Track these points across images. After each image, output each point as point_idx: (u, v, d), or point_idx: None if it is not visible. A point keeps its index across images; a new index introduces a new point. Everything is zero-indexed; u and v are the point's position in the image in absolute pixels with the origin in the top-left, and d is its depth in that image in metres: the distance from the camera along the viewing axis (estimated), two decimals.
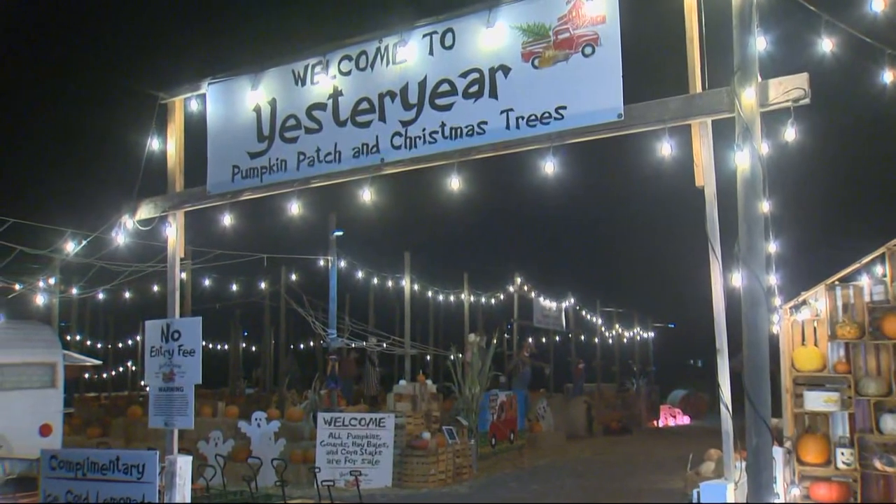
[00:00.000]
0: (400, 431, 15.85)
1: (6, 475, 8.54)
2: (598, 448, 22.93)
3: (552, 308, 30.32)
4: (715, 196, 6.18)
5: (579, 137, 6.65)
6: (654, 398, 35.34)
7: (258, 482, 10.56)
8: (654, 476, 16.25)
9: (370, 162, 7.61)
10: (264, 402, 23.41)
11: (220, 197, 8.65)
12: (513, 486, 15.45)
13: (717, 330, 6.10)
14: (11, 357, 14.20)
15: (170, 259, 8.89)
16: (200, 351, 8.12)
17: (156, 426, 8.26)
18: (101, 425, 21.39)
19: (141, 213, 9.07)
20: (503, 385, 24.26)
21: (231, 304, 28.20)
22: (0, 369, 14.03)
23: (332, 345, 18.82)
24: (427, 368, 31.49)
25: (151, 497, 6.40)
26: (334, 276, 19.04)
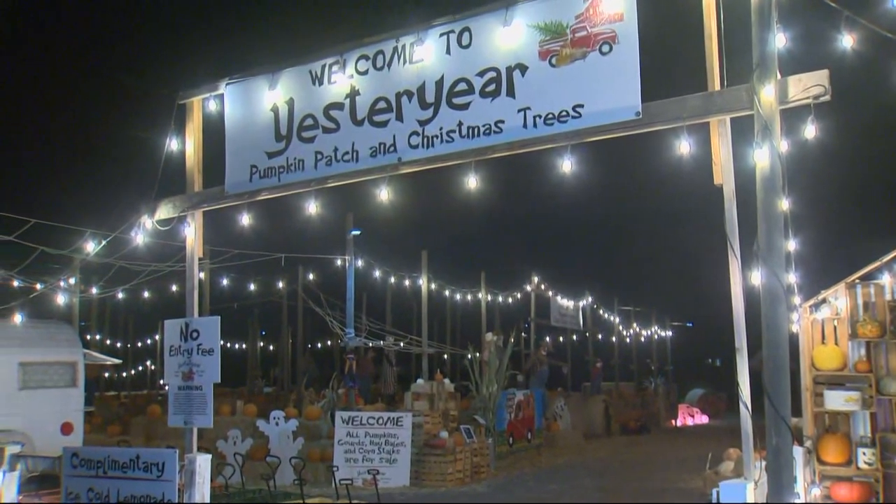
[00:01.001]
0: (417, 430, 15.86)
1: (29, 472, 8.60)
2: (616, 447, 22.86)
3: (569, 307, 30.25)
4: (734, 194, 6.14)
5: (597, 136, 6.63)
6: (672, 397, 35.20)
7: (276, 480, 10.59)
8: (673, 475, 16.18)
9: (387, 161, 7.61)
10: (282, 400, 23.47)
11: (237, 197, 8.68)
12: (531, 486, 15.43)
13: (736, 329, 6.07)
14: (34, 356, 14.33)
15: (188, 259, 8.93)
16: (219, 350, 8.15)
17: (175, 425, 8.30)
18: (121, 424, 21.52)
19: (160, 213, 9.11)
20: (520, 384, 24.24)
21: (249, 304, 28.32)
22: (23, 368, 14.16)
23: (350, 344, 18.84)
24: (444, 367, 31.47)
25: (171, 495, 6.43)
26: (352, 275, 19.07)
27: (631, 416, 28.92)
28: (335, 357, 31.11)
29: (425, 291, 22.25)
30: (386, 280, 24.95)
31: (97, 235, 12.80)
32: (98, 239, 12.65)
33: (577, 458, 19.90)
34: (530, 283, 28.02)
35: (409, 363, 30.93)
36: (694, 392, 37.27)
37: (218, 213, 9.36)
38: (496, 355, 18.24)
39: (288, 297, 26.26)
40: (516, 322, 29.19)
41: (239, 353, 37.65)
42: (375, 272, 22.93)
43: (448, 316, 32.64)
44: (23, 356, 14.21)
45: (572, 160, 6.73)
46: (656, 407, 32.25)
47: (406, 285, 25.00)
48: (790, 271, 6.91)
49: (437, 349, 27.29)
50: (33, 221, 13.11)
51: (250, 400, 22.55)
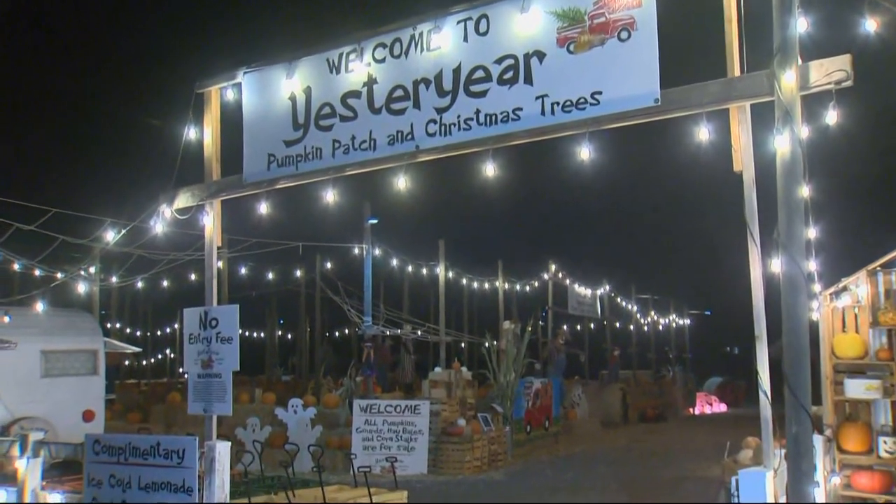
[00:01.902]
0: (435, 418, 15.90)
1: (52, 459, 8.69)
2: (634, 436, 22.84)
3: (587, 295, 30.20)
4: (753, 181, 6.08)
5: (615, 123, 6.58)
6: (690, 385, 35.12)
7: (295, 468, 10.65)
8: (691, 464, 16.16)
9: (405, 149, 7.59)
10: (300, 389, 23.59)
11: (255, 185, 8.68)
12: (548, 474, 15.45)
13: (755, 316, 6.02)
14: (56, 344, 14.47)
15: (207, 247, 8.95)
16: (238, 338, 8.18)
17: (195, 412, 8.35)
18: (141, 411, 21.67)
19: (178, 202, 9.13)
20: (538, 372, 24.23)
21: (267, 292, 28.42)
22: (45, 356, 14.30)
23: (368, 332, 18.90)
24: (462, 356, 31.52)
25: (191, 482, 6.47)
26: (369, 263, 19.11)
27: (648, 405, 28.88)
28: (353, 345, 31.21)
29: (442, 280, 22.27)
30: (403, 269, 24.99)
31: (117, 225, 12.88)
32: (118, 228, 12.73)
33: (594, 447, 19.90)
34: (548, 272, 27.97)
35: (426, 351, 31.01)
36: (712, 380, 37.17)
37: (236, 202, 9.37)
38: (513, 344, 18.24)
39: (306, 286, 26.34)
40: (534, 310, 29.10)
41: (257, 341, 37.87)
42: (393, 261, 22.96)
43: (465, 304, 32.66)
44: (45, 344, 14.35)
45: (590, 148, 6.69)
46: (674, 395, 32.18)
47: (423, 274, 25.03)
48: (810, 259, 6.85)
49: (454, 337, 27.33)
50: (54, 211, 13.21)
51: (269, 388, 22.68)
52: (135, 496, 6.75)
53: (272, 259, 22.74)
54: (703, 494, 12.14)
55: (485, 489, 13.74)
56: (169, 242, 13.59)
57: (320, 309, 25.77)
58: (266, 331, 35.34)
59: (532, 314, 24.05)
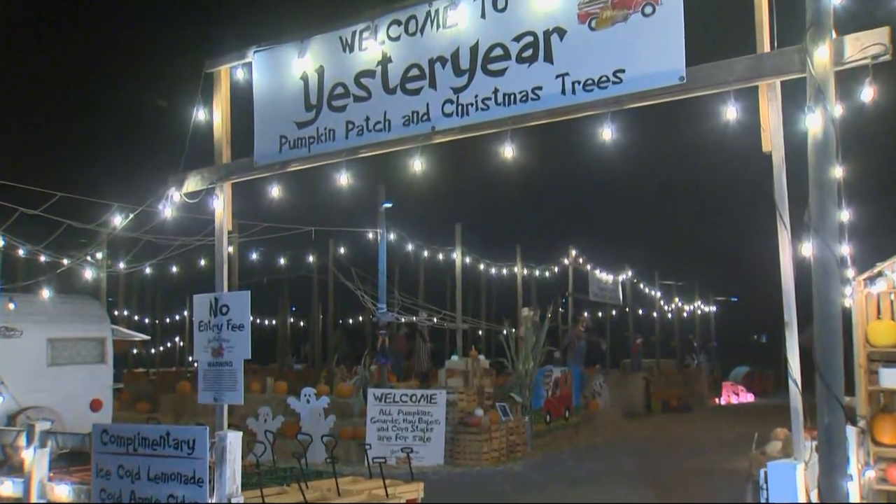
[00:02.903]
0: (452, 408, 15.94)
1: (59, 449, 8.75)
2: (658, 426, 22.83)
3: (608, 281, 30.14)
4: (783, 161, 6.03)
5: (639, 102, 6.54)
6: (715, 375, 35.05)
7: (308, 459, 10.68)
8: (717, 456, 16.13)
9: (420, 130, 7.57)
10: (313, 377, 23.69)
11: (267, 168, 8.70)
12: (569, 465, 15.46)
13: (785, 303, 5.98)
14: (63, 332, 14.54)
15: (217, 232, 8.98)
16: (249, 325, 8.20)
17: (205, 402, 8.39)
18: (150, 401, 21.85)
19: (188, 185, 9.16)
20: (558, 361, 24.25)
21: (279, 279, 28.52)
22: (51, 344, 14.38)
23: (382, 319, 18.93)
24: (479, 343, 31.54)
25: (202, 472, 6.50)
26: (383, 248, 19.11)
27: (672, 394, 28.84)
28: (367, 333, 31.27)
29: (459, 265, 22.27)
30: (419, 254, 25.00)
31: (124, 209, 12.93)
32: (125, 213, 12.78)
33: (616, 438, 19.91)
34: (568, 257, 27.93)
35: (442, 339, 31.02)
36: (739, 369, 37.03)
37: (247, 185, 9.39)
38: (532, 331, 18.23)
39: (318, 272, 26.40)
40: (553, 297, 29.16)
41: (269, 329, 38.03)
42: (408, 246, 22.96)
43: (483, 290, 32.64)
44: (51, 332, 14.43)
45: (613, 128, 6.66)
46: (699, 385, 32.12)
47: (440, 259, 25.02)
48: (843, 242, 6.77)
49: (471, 325, 27.33)
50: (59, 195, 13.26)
51: (281, 377, 22.79)
52: (144, 487, 6.80)
53: (284, 244, 22.80)
54: (730, 487, 12.10)
55: (503, 481, 13.78)
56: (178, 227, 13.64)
57: (333, 295, 25.86)
58: (278, 318, 35.45)
59: (552, 301, 24.09)
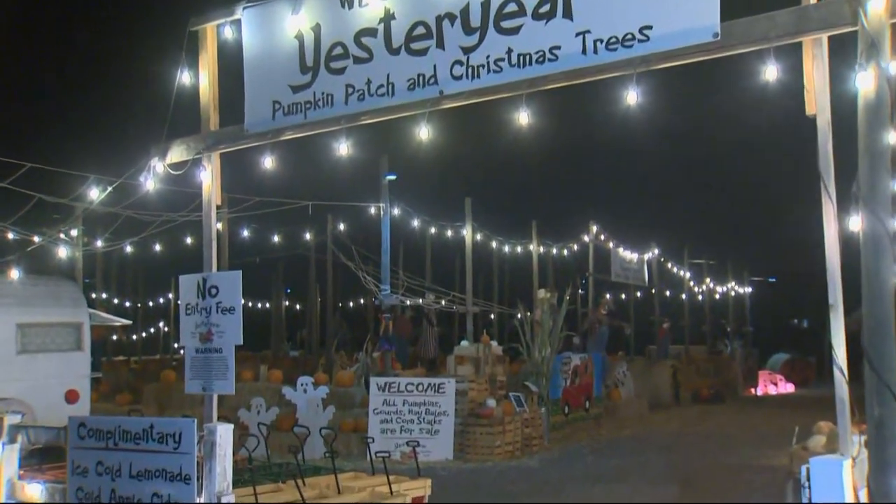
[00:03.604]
0: (462, 398, 15.97)
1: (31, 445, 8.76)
2: (687, 419, 22.85)
3: (633, 260, 30.10)
4: (829, 126, 5.96)
5: (668, 62, 6.47)
6: (751, 362, 35.06)
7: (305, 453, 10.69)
8: (753, 451, 16.13)
9: (427, 95, 7.53)
10: (311, 365, 23.76)
11: (259, 136, 8.66)
12: (589, 461, 15.49)
13: (830, 282, 5.94)
14: (34, 316, 14.50)
15: (205, 207, 8.95)
16: (241, 308, 8.19)
17: (192, 392, 8.39)
18: (131, 391, 21.95)
19: (172, 155, 9.12)
20: (577, 347, 24.25)
21: (273, 258, 28.57)
22: (21, 330, 14.32)
23: (386, 302, 18.96)
24: (491, 328, 31.58)
25: (189, 468, 6.50)
26: (387, 225, 19.10)
27: (703, 384, 28.87)
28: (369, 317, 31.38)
29: (469, 243, 22.25)
30: (425, 230, 24.99)
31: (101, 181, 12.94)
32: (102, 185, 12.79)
33: (641, 431, 19.93)
34: (588, 233, 27.89)
35: (451, 323, 31.11)
36: (777, 357, 37.04)
37: (237, 155, 9.35)
38: (549, 314, 18.23)
39: (316, 251, 26.44)
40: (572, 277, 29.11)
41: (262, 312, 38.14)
42: (414, 222, 22.94)
43: (495, 270, 32.68)
44: (21, 317, 14.39)
45: (638, 91, 6.60)
46: (733, 373, 32.14)
47: (448, 236, 25.00)
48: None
49: (482, 308, 27.37)
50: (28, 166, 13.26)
51: (275, 365, 22.88)
52: (125, 485, 6.81)
53: (278, 220, 22.81)
54: (768, 486, 12.12)
55: (518, 478, 13.81)
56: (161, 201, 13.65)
57: (332, 276, 25.89)
58: (272, 301, 35.60)
59: (570, 281, 24.04)
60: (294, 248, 26.48)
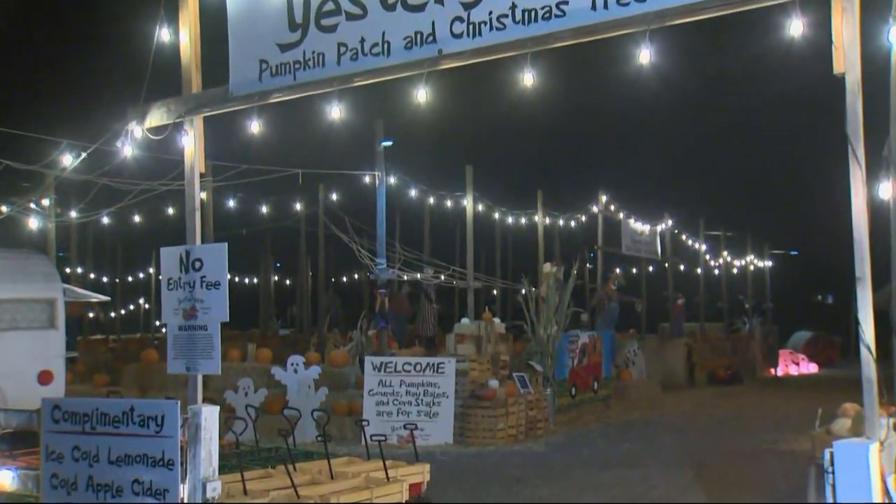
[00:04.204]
0: (462, 379, 15.99)
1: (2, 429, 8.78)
2: (702, 401, 22.92)
3: (645, 232, 30.06)
4: (859, 86, 5.93)
5: (684, 17, 6.44)
6: (771, 341, 35.13)
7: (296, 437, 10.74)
8: (773, 435, 16.19)
9: (425, 54, 7.50)
10: (302, 344, 23.78)
11: (245, 99, 8.63)
12: (598, 445, 15.54)
13: (857, 254, 5.93)
14: (3, 292, 14.43)
15: (187, 175, 8.93)
16: (227, 283, 8.18)
17: (175, 372, 8.40)
18: (110, 372, 21.94)
19: (151, 119, 9.09)
20: (585, 324, 24.27)
21: (261, 230, 28.54)
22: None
23: (381, 277, 18.92)
24: (494, 304, 31.62)
25: (172, 453, 6.51)
26: (383, 194, 19.05)
27: (720, 364, 28.93)
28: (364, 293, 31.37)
29: (470, 214, 22.20)
30: (424, 200, 24.93)
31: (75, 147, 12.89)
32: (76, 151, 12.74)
33: (653, 413, 19.99)
34: (597, 204, 27.82)
35: (451, 299, 31.12)
36: (799, 335, 37.10)
37: (221, 119, 9.33)
38: (556, 290, 18.24)
39: (307, 222, 26.40)
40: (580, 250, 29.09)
41: (250, 288, 38.19)
42: (411, 191, 22.89)
43: (498, 243, 32.66)
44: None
45: (652, 50, 6.58)
46: (751, 353, 32.22)
47: (448, 207, 24.96)
48: None
49: (484, 282, 27.35)
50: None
51: (264, 343, 22.89)
52: (104, 472, 6.82)
53: (266, 189, 22.77)
54: (789, 471, 12.16)
55: (522, 463, 13.85)
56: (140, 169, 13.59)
57: (324, 249, 25.88)
58: (260, 276, 35.63)
59: (578, 255, 24.01)
60: (283, 219, 26.46)
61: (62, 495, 7.04)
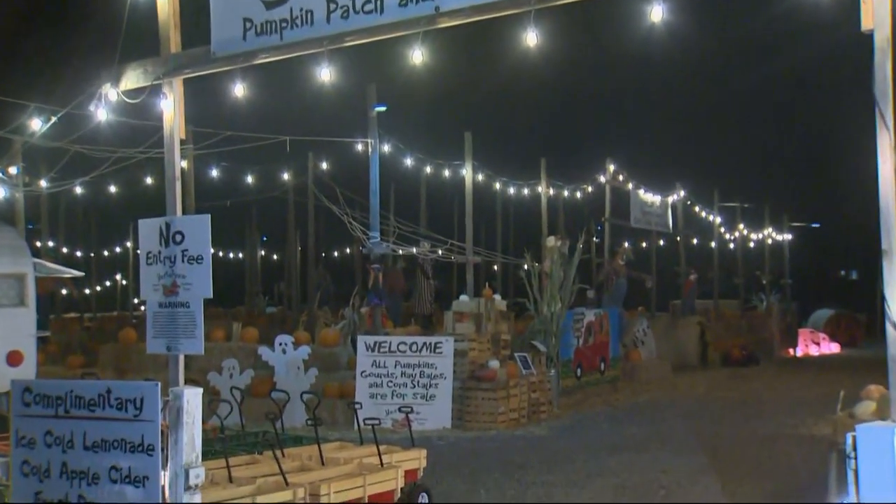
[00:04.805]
0: (461, 359, 16.01)
1: None
2: (716, 383, 22.97)
3: (655, 203, 30.06)
4: (889, 43, 5.88)
5: None
6: (790, 319, 35.13)
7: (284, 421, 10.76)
8: (791, 419, 16.23)
9: (421, 12, 7.46)
10: (290, 323, 23.80)
11: (228, 60, 8.59)
12: (604, 429, 15.58)
13: (883, 226, 5.91)
14: None
15: (166, 142, 8.90)
16: (210, 257, 8.17)
17: (155, 352, 8.40)
18: (85, 353, 21.96)
19: (127, 81, 9.04)
20: (591, 301, 24.30)
21: (246, 201, 28.48)
22: None
23: (375, 251, 18.92)
24: (494, 280, 31.65)
25: (152, 438, 6.49)
26: (376, 163, 19.00)
27: (735, 344, 28.98)
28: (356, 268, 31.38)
29: (470, 184, 22.17)
30: (420, 170, 24.90)
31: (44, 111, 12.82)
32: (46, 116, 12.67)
33: (663, 396, 20.04)
34: (605, 173, 27.79)
35: (449, 275, 31.14)
36: (820, 313, 37.16)
37: (203, 82, 9.31)
38: (560, 265, 18.23)
39: (296, 193, 26.37)
40: (586, 223, 29.10)
41: (235, 263, 38.24)
42: (406, 160, 22.85)
43: (499, 215, 32.66)
44: None
45: (664, 6, 6.53)
46: (769, 332, 32.25)
47: (445, 176, 24.92)
48: None
49: (484, 257, 27.36)
50: None
51: (250, 322, 22.92)
52: (79, 458, 6.81)
53: (252, 158, 22.73)
54: (808, 457, 12.19)
55: (524, 448, 13.89)
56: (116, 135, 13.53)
57: (314, 222, 25.85)
58: (245, 250, 35.60)
59: (584, 227, 23.99)
60: (270, 190, 26.41)
61: (34, 483, 7.03)
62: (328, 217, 25.01)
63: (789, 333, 33.76)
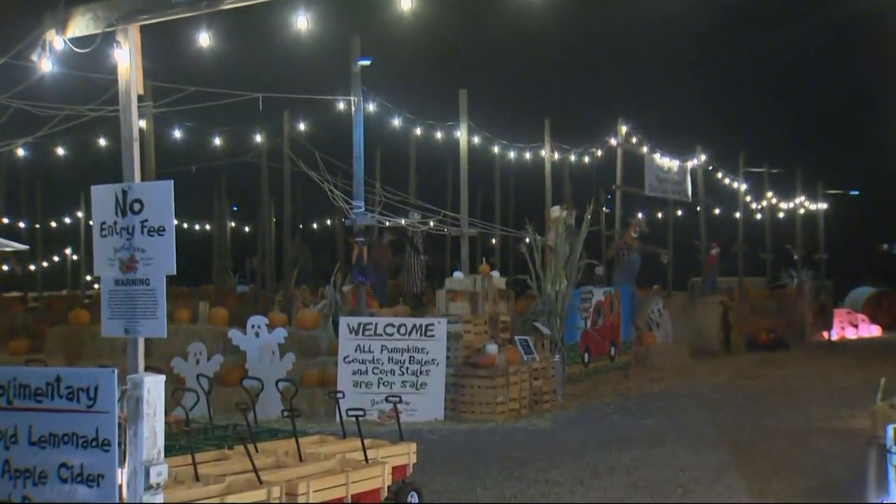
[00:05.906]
0: (455, 343, 16.03)
1: None
2: (740, 369, 23.04)
3: (673, 168, 30.04)
4: None
5: None
6: (824, 299, 35.23)
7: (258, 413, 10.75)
8: (825, 410, 16.28)
9: None
10: (264, 303, 23.83)
11: (190, 5, 8.52)
12: (614, 421, 15.62)
13: None
14: None
15: (122, 98, 8.83)
16: (173, 229, 8.11)
17: (111, 334, 8.35)
18: (30, 336, 21.97)
19: (74, 27, 8.94)
20: (601, 279, 24.32)
21: (214, 166, 28.41)
22: None
23: (359, 223, 18.89)
24: (493, 255, 31.66)
25: (108, 431, 6.47)
26: (360, 124, 18.94)
27: (761, 326, 29.06)
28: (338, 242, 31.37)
29: (465, 148, 22.12)
30: (409, 131, 24.87)
31: None
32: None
33: (681, 384, 20.09)
34: (616, 135, 27.76)
35: (442, 249, 31.13)
36: (859, 291, 37.24)
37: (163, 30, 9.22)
38: (566, 238, 18.24)
39: (270, 157, 26.28)
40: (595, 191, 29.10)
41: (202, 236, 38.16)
42: (394, 120, 22.81)
43: (497, 183, 32.64)
44: None
45: None
46: (800, 313, 32.34)
47: (438, 139, 24.89)
48: None
49: (481, 230, 27.35)
50: None
51: (218, 302, 22.92)
52: (23, 455, 6.77)
53: (220, 118, 22.63)
54: (844, 452, 12.23)
55: (525, 442, 13.92)
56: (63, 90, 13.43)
57: (290, 190, 25.78)
58: (213, 222, 35.56)
59: (593, 196, 24.00)
60: (241, 153, 26.35)
61: None
62: (306, 184, 24.99)
63: (823, 314, 33.83)
